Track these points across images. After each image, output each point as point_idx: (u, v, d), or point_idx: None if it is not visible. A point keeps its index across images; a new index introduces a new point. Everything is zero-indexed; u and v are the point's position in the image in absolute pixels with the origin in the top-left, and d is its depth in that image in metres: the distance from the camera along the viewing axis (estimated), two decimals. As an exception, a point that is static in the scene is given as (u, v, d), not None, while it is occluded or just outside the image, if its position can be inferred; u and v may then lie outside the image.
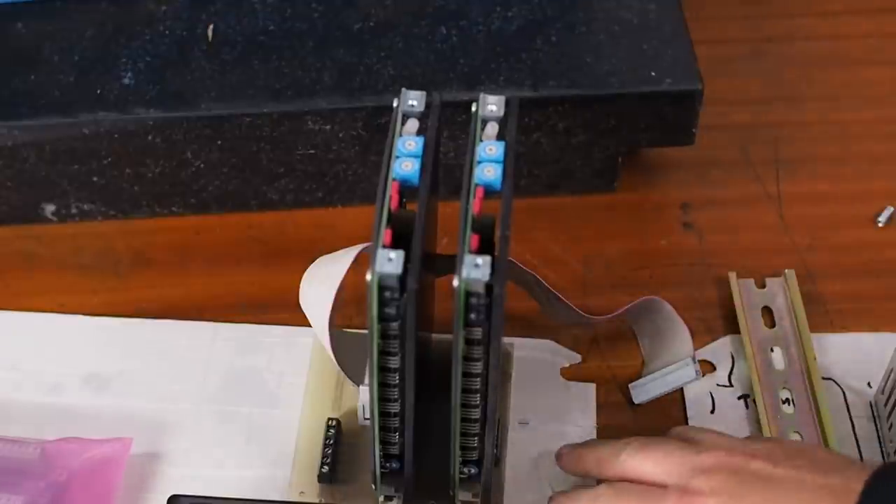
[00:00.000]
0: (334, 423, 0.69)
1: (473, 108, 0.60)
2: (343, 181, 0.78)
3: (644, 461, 0.63)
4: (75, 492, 0.66)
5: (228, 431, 0.70)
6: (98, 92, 0.75)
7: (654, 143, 0.78)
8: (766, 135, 0.83)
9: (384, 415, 0.61)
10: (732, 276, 0.76)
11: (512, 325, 0.65)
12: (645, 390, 0.71)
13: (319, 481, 0.68)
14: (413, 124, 0.60)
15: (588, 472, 0.66)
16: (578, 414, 0.71)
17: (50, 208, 0.78)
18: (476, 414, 0.60)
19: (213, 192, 0.78)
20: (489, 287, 0.55)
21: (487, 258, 0.55)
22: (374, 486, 0.65)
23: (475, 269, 0.55)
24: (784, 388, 0.71)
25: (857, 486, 0.58)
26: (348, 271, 0.64)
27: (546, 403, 0.71)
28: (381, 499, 0.66)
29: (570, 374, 0.72)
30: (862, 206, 0.80)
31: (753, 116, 0.84)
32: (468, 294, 0.55)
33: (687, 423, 0.70)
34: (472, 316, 0.56)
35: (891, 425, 0.69)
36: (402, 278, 0.55)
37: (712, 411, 0.71)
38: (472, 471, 0.64)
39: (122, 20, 0.78)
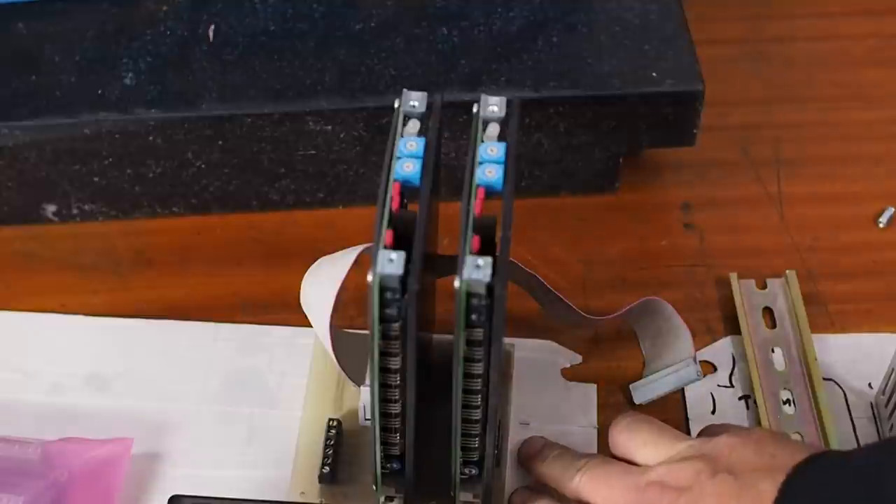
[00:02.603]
0: (335, 423, 0.69)
1: (475, 109, 0.60)
2: (344, 182, 0.78)
3: (595, 492, 0.64)
4: (76, 492, 0.66)
5: (229, 432, 0.70)
6: (99, 92, 0.75)
7: (655, 143, 0.78)
8: (766, 135, 0.83)
9: (385, 415, 0.61)
10: (733, 276, 0.76)
11: (513, 325, 0.65)
12: (646, 391, 0.71)
13: (320, 482, 0.68)
14: (414, 125, 0.60)
15: (546, 484, 0.67)
16: (579, 414, 0.71)
17: (51, 208, 0.78)
18: (477, 415, 0.60)
19: (214, 192, 0.78)
20: (490, 288, 0.55)
21: (488, 259, 0.55)
22: (374, 487, 0.65)
23: (476, 269, 0.55)
24: (785, 388, 0.71)
25: (769, 497, 0.58)
26: (349, 272, 0.64)
27: (547, 404, 0.71)
28: (382, 499, 0.66)
29: (571, 374, 0.72)
30: (863, 206, 0.80)
31: (754, 117, 0.84)
32: (469, 295, 0.55)
33: (687, 424, 0.70)
34: (474, 317, 0.56)
35: (892, 426, 0.69)
36: (404, 279, 0.55)
37: (713, 412, 0.71)
38: (473, 471, 0.64)
39: (123, 20, 0.78)
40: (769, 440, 0.62)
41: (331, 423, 0.69)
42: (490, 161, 0.58)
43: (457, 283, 0.55)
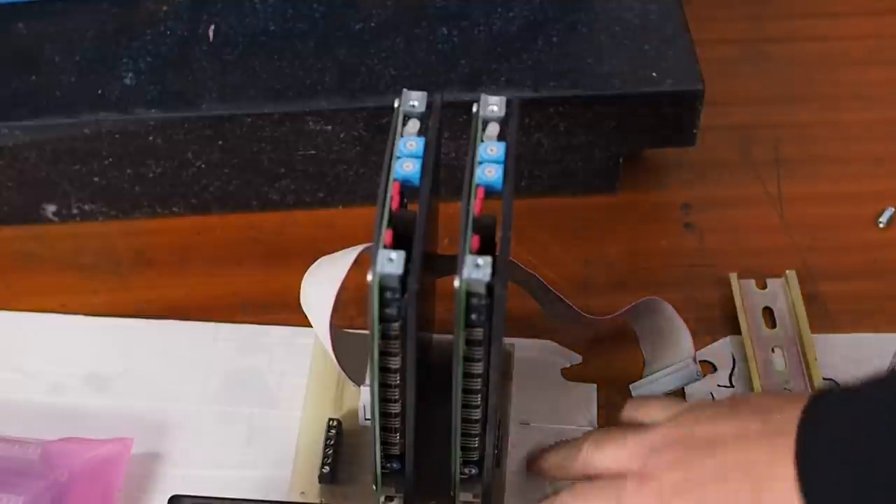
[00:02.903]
0: (335, 423, 0.69)
1: (474, 109, 0.60)
2: (344, 182, 0.78)
3: (603, 457, 0.63)
4: (76, 492, 0.66)
5: (229, 432, 0.70)
6: (99, 92, 0.75)
7: (655, 143, 0.78)
8: (766, 135, 0.83)
9: (385, 415, 0.61)
10: (733, 276, 0.76)
11: (513, 325, 0.65)
12: (646, 391, 0.71)
13: (320, 482, 0.68)
14: (414, 125, 0.60)
15: (554, 478, 0.67)
16: (579, 414, 0.71)
17: (51, 208, 0.78)
18: (477, 414, 0.61)
19: (214, 192, 0.78)
20: (490, 287, 0.55)
21: (488, 259, 0.55)
22: (374, 487, 0.65)
23: (476, 269, 0.55)
24: (785, 388, 0.71)
25: (793, 422, 0.57)
26: (349, 272, 0.64)
27: (547, 404, 0.71)
28: (382, 499, 0.66)
29: (571, 374, 0.72)
30: (863, 206, 0.80)
31: (754, 117, 0.84)
32: (469, 294, 0.55)
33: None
34: (473, 316, 0.56)
35: (891, 426, 0.69)
36: (403, 279, 0.55)
37: (713, 412, 0.71)
38: (473, 471, 0.64)
39: (123, 20, 0.78)
40: (762, 397, 0.62)
41: (331, 423, 0.69)
42: (490, 161, 0.58)
43: (457, 283, 0.55)
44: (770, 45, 0.88)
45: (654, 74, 0.75)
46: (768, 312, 0.75)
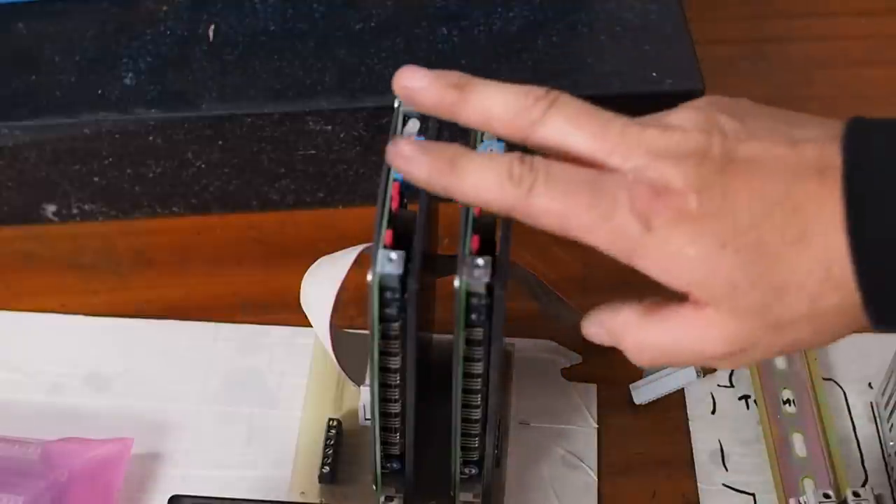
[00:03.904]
0: (335, 423, 0.69)
1: (475, 109, 0.60)
2: (344, 181, 0.78)
3: (574, 130, 0.50)
4: (76, 492, 0.66)
5: (229, 432, 0.70)
6: (99, 92, 0.75)
7: (654, 143, 0.78)
8: (766, 135, 0.83)
9: (385, 415, 0.61)
10: (733, 276, 0.75)
11: (512, 325, 0.65)
12: (646, 391, 0.71)
13: (320, 482, 0.68)
14: (414, 125, 0.60)
15: (469, 121, 0.52)
16: (579, 414, 0.71)
17: (51, 208, 0.78)
18: (477, 414, 0.61)
19: (214, 192, 0.78)
20: (490, 287, 0.55)
21: (488, 259, 0.55)
22: (374, 487, 0.65)
23: (476, 269, 0.55)
24: (785, 388, 0.71)
25: (833, 154, 0.49)
26: (349, 272, 0.64)
27: (547, 404, 0.71)
28: (382, 499, 0.66)
29: (571, 374, 0.72)
30: (863, 206, 0.80)
31: (754, 117, 0.84)
32: (469, 294, 0.56)
33: (687, 424, 0.70)
34: (473, 316, 0.56)
35: (891, 426, 0.69)
36: (403, 279, 0.55)
37: (713, 412, 0.71)
38: (473, 471, 0.64)
39: (123, 20, 0.78)
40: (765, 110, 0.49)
41: (331, 423, 0.69)
42: (490, 161, 0.58)
43: (456, 283, 0.55)
44: (770, 45, 0.88)
45: (654, 74, 0.75)
46: (768, 312, 0.74)
